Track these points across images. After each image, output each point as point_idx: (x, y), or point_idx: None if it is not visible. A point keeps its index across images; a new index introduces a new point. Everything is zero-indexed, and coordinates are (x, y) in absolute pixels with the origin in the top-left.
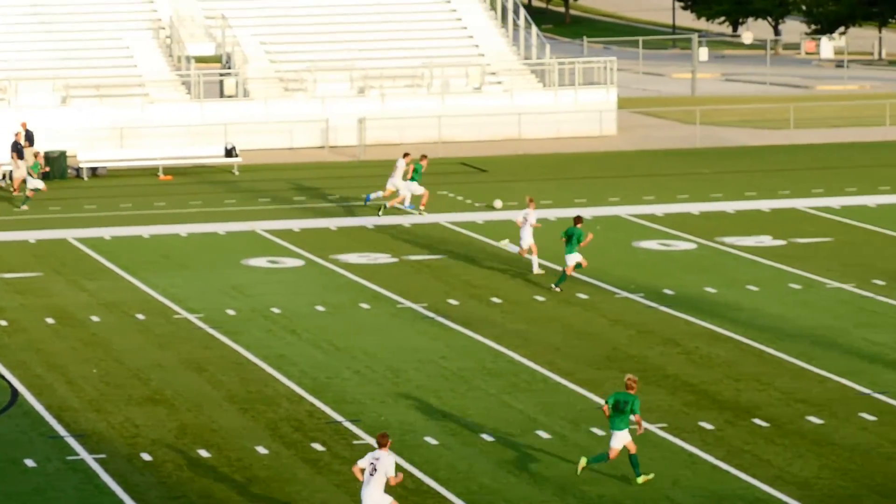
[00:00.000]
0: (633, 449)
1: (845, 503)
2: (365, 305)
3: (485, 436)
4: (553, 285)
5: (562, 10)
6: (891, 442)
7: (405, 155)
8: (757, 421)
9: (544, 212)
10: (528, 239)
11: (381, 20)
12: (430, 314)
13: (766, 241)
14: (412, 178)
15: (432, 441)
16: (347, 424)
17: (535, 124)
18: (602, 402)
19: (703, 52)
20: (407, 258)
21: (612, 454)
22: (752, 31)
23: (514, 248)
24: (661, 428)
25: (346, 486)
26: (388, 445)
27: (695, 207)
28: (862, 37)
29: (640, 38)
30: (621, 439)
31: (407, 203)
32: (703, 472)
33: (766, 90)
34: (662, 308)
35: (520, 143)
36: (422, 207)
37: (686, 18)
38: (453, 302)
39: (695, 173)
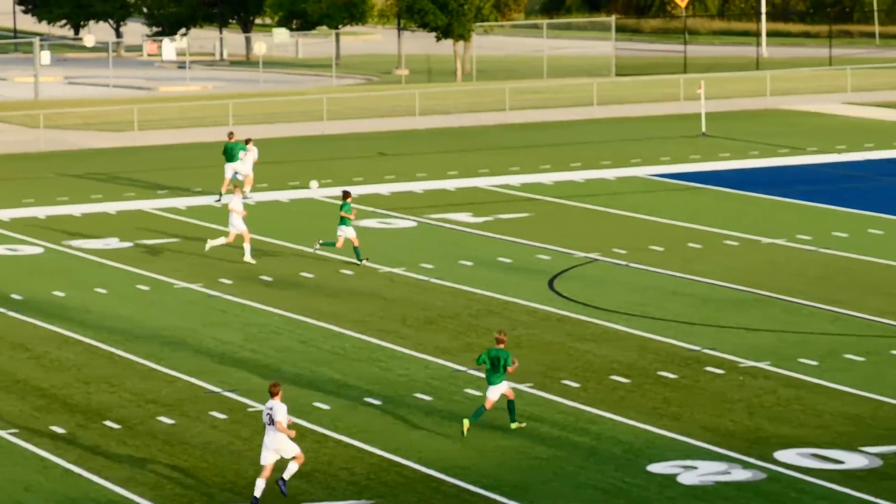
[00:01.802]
0: (511, 395)
1: (197, 502)
2: None
3: None
4: (359, 260)
5: None
6: (241, 439)
7: (247, 141)
8: (108, 423)
9: None
10: (239, 226)
11: None
12: None
13: (114, 243)
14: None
15: None
16: None
17: None
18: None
19: (46, 56)
20: None
21: (488, 404)
22: (95, 33)
23: (221, 241)
24: (12, 434)
25: None
26: (280, 395)
27: (41, 211)
28: (204, 38)
29: None
30: (498, 391)
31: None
32: (56, 476)
33: (109, 92)
34: (10, 313)
35: None
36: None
37: (27, 22)
38: None
39: (39, 177)
